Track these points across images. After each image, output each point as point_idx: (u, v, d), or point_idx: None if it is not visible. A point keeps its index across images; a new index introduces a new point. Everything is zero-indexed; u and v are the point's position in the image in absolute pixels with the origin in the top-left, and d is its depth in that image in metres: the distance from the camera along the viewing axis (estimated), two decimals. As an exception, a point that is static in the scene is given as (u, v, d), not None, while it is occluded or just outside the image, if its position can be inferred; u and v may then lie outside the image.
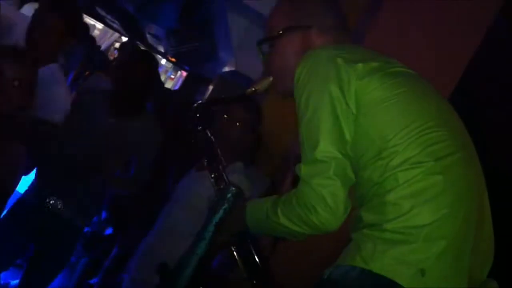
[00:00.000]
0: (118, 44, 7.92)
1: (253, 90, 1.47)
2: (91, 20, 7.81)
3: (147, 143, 2.44)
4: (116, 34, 8.52)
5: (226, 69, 4.97)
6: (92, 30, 7.36)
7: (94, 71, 3.99)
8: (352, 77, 1.15)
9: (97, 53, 5.51)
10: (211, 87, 4.80)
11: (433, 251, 1.03)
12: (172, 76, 10.89)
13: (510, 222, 1.73)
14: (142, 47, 6.75)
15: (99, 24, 8.49)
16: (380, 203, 1.08)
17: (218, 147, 1.59)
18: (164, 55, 8.46)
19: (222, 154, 1.92)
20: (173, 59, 7.89)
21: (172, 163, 3.17)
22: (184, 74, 8.67)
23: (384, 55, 1.28)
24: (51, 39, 2.24)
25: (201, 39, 5.34)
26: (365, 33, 2.05)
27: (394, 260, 1.03)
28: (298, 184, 1.17)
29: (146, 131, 2.43)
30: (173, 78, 10.76)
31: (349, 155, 1.14)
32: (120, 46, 6.08)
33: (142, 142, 2.41)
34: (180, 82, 9.07)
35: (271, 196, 1.28)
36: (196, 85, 5.98)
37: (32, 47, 2.18)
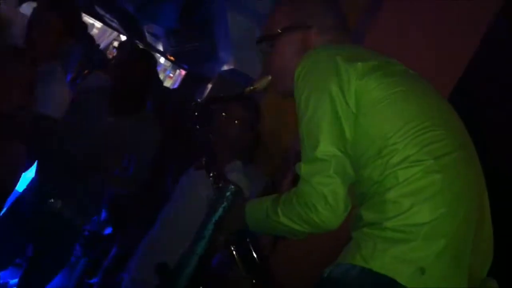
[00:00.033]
0: (117, 43, 7.91)
1: (251, 88, 1.47)
2: (90, 19, 7.77)
3: (146, 142, 2.44)
4: (115, 33, 8.48)
5: (226, 68, 4.98)
6: (90, 29, 7.35)
7: (93, 70, 3.98)
8: (352, 76, 1.15)
9: (96, 52, 5.50)
10: (210, 86, 4.81)
11: (432, 249, 1.03)
12: (171, 74, 10.86)
13: (510, 222, 1.73)
14: (141, 45, 6.74)
15: (97, 23, 8.45)
16: (380, 202, 1.08)
17: (217, 145, 1.59)
18: (163, 54, 8.44)
19: (221, 152, 1.93)
20: (172, 58, 7.88)
21: (171, 162, 3.17)
22: (183, 72, 8.66)
23: (384, 55, 1.28)
24: (49, 38, 2.23)
25: (201, 39, 5.34)
26: (365, 33, 2.05)
27: (394, 258, 1.03)
28: (298, 183, 1.17)
29: (145, 129, 2.43)
30: (172, 77, 10.74)
31: (349, 153, 1.14)
32: (119, 45, 6.07)
33: (141, 141, 2.40)
34: (179, 81, 9.05)
35: (271, 195, 1.28)
36: (195, 83, 5.98)
37: (31, 46, 2.18)
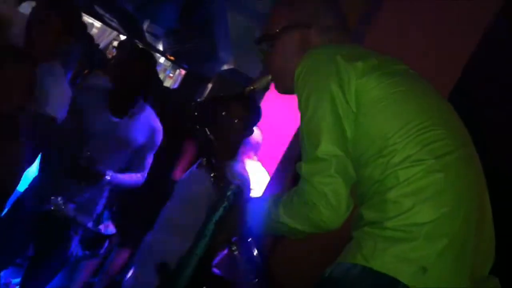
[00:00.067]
0: (116, 43, 7.89)
1: (251, 88, 1.47)
2: (89, 19, 7.78)
3: (146, 141, 2.44)
4: (115, 33, 8.48)
5: (226, 68, 4.98)
6: (90, 29, 7.35)
7: (92, 69, 3.99)
8: (352, 76, 1.15)
9: (95, 51, 5.48)
10: (210, 86, 4.81)
11: (434, 249, 1.03)
12: (171, 74, 10.87)
13: (510, 222, 1.73)
14: (141, 45, 6.74)
15: (97, 23, 8.46)
16: (381, 201, 1.08)
17: (217, 144, 1.59)
18: (163, 53, 8.45)
19: (222, 151, 1.93)
20: (171, 57, 7.89)
21: (172, 161, 3.17)
22: (183, 72, 8.66)
23: (384, 55, 1.28)
24: (48, 37, 2.22)
25: (201, 39, 5.34)
26: (365, 33, 2.04)
27: (395, 257, 1.03)
28: (299, 182, 1.17)
29: (145, 129, 2.43)
30: (172, 77, 10.75)
31: (350, 153, 1.14)
32: (118, 45, 6.05)
33: (141, 141, 2.41)
34: (179, 81, 9.06)
35: (272, 194, 1.28)
36: (195, 83, 5.98)
37: (30, 46, 2.18)
